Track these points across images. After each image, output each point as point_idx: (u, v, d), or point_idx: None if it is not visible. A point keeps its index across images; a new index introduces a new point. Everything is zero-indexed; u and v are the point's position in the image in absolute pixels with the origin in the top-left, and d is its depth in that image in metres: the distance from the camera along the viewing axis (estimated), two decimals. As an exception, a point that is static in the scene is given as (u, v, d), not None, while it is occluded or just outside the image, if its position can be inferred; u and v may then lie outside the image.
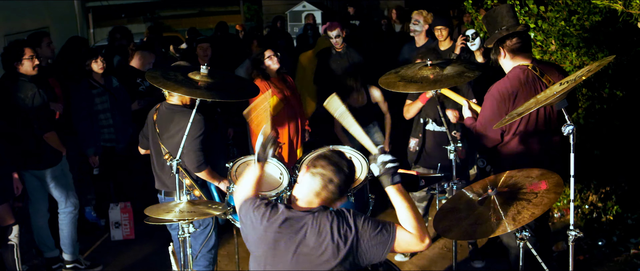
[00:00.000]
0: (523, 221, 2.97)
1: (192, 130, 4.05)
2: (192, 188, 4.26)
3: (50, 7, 10.48)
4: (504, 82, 3.98)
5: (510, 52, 4.02)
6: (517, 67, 4.00)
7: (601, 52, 5.35)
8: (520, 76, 3.95)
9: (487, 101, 4.01)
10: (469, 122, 4.21)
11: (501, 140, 4.04)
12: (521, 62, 4.01)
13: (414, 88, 3.92)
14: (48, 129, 5.16)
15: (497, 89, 3.97)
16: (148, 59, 6.81)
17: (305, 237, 2.69)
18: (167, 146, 4.16)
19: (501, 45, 4.02)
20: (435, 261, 5.47)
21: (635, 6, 4.46)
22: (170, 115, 4.21)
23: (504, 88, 3.94)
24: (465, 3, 5.89)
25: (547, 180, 3.20)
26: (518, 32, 4.00)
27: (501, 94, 3.93)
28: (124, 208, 6.18)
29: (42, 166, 5.24)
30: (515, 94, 3.91)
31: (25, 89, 5.07)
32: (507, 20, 4.02)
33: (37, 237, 5.52)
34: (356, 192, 3.81)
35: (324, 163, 2.78)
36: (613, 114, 5.54)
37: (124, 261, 5.80)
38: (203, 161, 4.15)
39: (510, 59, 4.03)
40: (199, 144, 4.12)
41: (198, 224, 4.37)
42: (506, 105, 3.91)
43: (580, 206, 5.81)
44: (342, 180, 2.78)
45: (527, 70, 3.97)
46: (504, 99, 3.92)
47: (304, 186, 2.81)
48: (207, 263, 4.48)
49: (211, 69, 3.83)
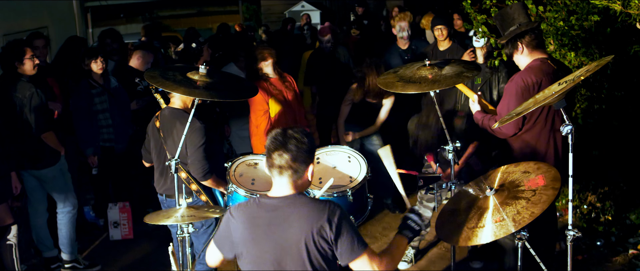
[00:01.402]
0: (523, 221, 2.96)
1: (195, 139, 4.07)
2: (199, 193, 4.27)
3: (49, 7, 10.48)
4: (527, 72, 4.08)
5: (528, 47, 4.12)
6: (537, 60, 4.10)
7: (600, 52, 5.35)
8: (542, 67, 4.06)
9: (511, 89, 4.09)
10: (478, 116, 4.30)
11: (518, 131, 4.12)
12: (539, 56, 4.12)
13: (413, 88, 3.92)
14: (45, 129, 5.16)
15: (521, 78, 4.06)
16: (147, 59, 6.81)
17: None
18: (171, 152, 4.16)
19: (520, 40, 4.11)
20: (433, 262, 5.48)
21: (633, 6, 4.47)
22: (172, 120, 4.20)
23: (529, 78, 4.03)
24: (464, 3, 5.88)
25: (544, 175, 3.19)
26: (535, 28, 4.10)
27: (526, 83, 4.02)
28: (123, 207, 6.18)
29: (40, 166, 5.24)
30: (539, 83, 3.99)
31: (22, 88, 5.06)
32: (523, 17, 4.12)
33: (36, 237, 5.52)
34: (355, 192, 3.81)
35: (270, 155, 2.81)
36: (612, 114, 5.55)
37: (122, 261, 5.80)
38: (208, 169, 4.15)
39: (528, 53, 4.14)
40: (203, 152, 4.13)
41: (200, 224, 4.38)
42: (531, 93, 3.97)
43: (579, 207, 5.82)
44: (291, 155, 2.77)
45: (547, 62, 4.09)
46: (528, 89, 4.00)
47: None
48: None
49: (210, 68, 3.83)
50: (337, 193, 3.78)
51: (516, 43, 4.13)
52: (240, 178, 4.09)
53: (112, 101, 6.03)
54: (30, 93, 5.05)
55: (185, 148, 4.14)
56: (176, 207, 3.76)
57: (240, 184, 4.01)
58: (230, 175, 4.10)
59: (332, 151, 4.28)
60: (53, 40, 6.42)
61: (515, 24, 4.12)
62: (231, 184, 4.01)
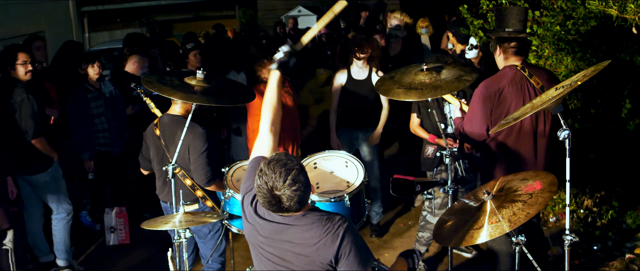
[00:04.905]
0: (519, 221, 3.00)
1: (198, 145, 4.08)
2: (204, 199, 4.26)
3: (46, 12, 10.49)
4: (491, 80, 4.18)
5: (505, 53, 4.20)
6: (506, 67, 4.19)
7: (596, 57, 5.36)
8: (508, 74, 4.14)
9: (474, 97, 4.20)
10: (457, 121, 4.42)
11: (487, 136, 4.18)
12: (513, 63, 4.19)
13: (415, 96, 3.91)
14: (37, 134, 5.14)
15: (484, 86, 4.16)
16: (142, 63, 6.77)
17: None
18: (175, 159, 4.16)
19: (500, 44, 4.20)
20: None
21: (630, 11, 4.48)
22: (174, 128, 4.18)
23: (490, 85, 4.14)
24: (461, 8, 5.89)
25: (542, 180, 3.23)
26: (518, 38, 4.14)
27: (488, 90, 4.12)
28: (119, 212, 6.16)
29: (32, 172, 5.23)
30: (500, 91, 4.09)
31: (14, 94, 5.06)
32: (514, 23, 4.16)
33: (32, 242, 5.51)
34: (352, 197, 3.80)
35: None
36: (608, 118, 5.56)
37: (119, 266, 5.78)
38: (211, 176, 4.16)
39: (503, 58, 4.23)
40: (206, 158, 4.13)
41: (208, 229, 4.39)
42: (492, 101, 4.10)
43: (576, 211, 5.82)
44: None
45: (516, 70, 4.15)
46: (490, 96, 4.10)
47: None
48: (220, 267, 4.54)
49: (207, 73, 3.83)
50: (334, 198, 3.77)
51: (496, 45, 4.23)
52: (238, 183, 4.09)
53: (108, 105, 6.02)
54: (21, 99, 5.04)
55: (187, 154, 4.14)
56: (174, 213, 3.76)
57: (238, 190, 4.00)
58: (227, 180, 4.10)
59: (329, 156, 4.27)
60: (49, 45, 6.40)
61: (505, 27, 4.17)
62: (228, 190, 4.00)
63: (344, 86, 5.88)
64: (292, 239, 2.72)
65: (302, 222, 2.73)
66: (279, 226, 2.75)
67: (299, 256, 2.72)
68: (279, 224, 2.75)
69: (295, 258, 2.73)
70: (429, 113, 5.05)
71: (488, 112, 4.10)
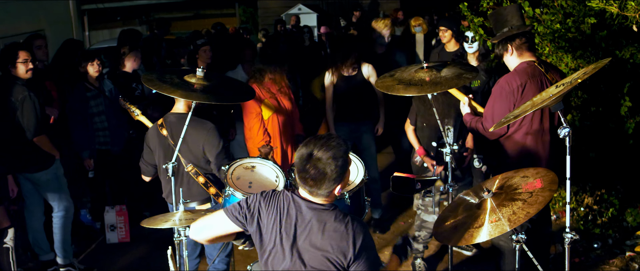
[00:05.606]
0: (518, 221, 2.98)
1: (213, 140, 4.13)
2: (217, 197, 4.24)
3: (46, 10, 10.49)
4: (513, 75, 4.14)
5: (518, 50, 4.17)
6: (524, 63, 4.16)
7: (597, 55, 5.36)
8: (528, 69, 4.11)
9: (494, 93, 4.16)
10: (467, 118, 4.35)
11: (506, 132, 4.17)
12: (528, 59, 4.17)
13: (414, 91, 3.92)
14: (38, 132, 5.14)
15: (505, 81, 4.12)
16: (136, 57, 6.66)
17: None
18: (186, 157, 4.15)
19: (510, 42, 4.17)
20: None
21: (630, 9, 4.48)
22: (183, 125, 4.13)
23: (513, 81, 4.09)
24: (461, 5, 5.89)
25: (543, 178, 3.21)
26: (526, 32, 4.15)
27: (510, 86, 4.08)
28: (120, 211, 6.17)
29: (33, 170, 5.22)
30: (523, 86, 4.06)
31: (15, 92, 5.05)
32: (516, 19, 4.16)
33: (33, 240, 5.51)
34: (352, 195, 3.80)
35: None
36: (608, 116, 5.55)
37: (119, 264, 5.78)
38: None
39: (517, 56, 4.19)
40: (225, 152, 4.19)
41: None
42: (515, 96, 4.06)
43: (576, 209, 5.82)
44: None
45: (534, 65, 4.13)
46: (513, 91, 4.06)
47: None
48: (226, 268, 4.56)
49: (207, 71, 3.82)
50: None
51: (506, 45, 4.19)
52: (238, 181, 4.08)
53: (107, 103, 6.02)
54: (23, 96, 5.03)
55: (202, 152, 4.13)
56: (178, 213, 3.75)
57: (238, 187, 4.00)
58: (227, 178, 4.09)
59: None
60: (49, 43, 6.40)
61: (507, 26, 4.17)
62: (228, 187, 4.00)
63: (336, 83, 6.01)
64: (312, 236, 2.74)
65: (325, 216, 2.74)
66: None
67: (317, 251, 2.73)
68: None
69: (312, 253, 2.74)
70: (423, 127, 5.10)
71: (511, 108, 4.05)
